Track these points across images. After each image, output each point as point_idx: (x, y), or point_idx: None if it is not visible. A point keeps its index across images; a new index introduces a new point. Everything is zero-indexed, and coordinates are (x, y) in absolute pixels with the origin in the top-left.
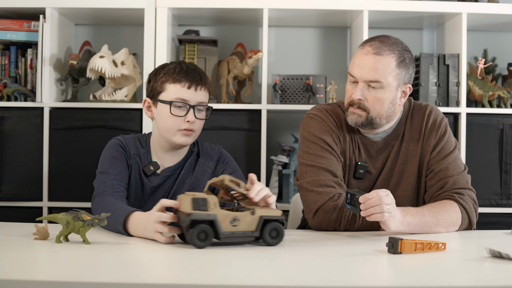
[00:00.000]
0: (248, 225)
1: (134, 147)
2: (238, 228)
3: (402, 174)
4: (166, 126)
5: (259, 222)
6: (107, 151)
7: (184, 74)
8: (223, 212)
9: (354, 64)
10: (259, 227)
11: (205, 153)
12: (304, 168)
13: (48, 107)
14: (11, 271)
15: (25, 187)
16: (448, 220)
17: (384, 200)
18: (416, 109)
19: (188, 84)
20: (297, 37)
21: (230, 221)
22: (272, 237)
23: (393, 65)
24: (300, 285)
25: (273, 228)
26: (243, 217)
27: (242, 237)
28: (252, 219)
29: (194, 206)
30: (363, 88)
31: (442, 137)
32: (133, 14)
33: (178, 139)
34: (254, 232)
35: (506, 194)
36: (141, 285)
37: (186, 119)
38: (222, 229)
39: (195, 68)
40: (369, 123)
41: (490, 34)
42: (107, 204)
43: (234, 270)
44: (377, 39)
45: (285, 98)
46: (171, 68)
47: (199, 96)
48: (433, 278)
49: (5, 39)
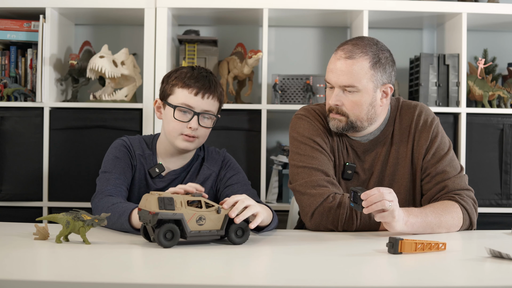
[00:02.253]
0: (213, 224)
1: (139, 148)
2: (204, 227)
3: (394, 176)
4: (169, 128)
5: (224, 221)
6: (111, 151)
7: (194, 80)
8: (189, 211)
9: (328, 70)
10: (224, 226)
11: (210, 157)
12: (295, 170)
13: (48, 107)
14: (11, 271)
15: (25, 187)
16: (450, 221)
17: (386, 197)
18: (404, 109)
19: (196, 91)
20: (297, 37)
21: (196, 219)
22: (238, 235)
23: (367, 67)
24: (300, 285)
25: (238, 227)
26: (209, 216)
27: (208, 235)
28: (217, 218)
29: (160, 205)
30: (339, 93)
31: (435, 138)
32: (133, 14)
33: (179, 143)
34: (220, 230)
35: (506, 194)
36: (141, 285)
37: (188, 125)
38: (188, 228)
39: (208, 76)
40: (351, 127)
41: (490, 34)
42: (108, 204)
43: (234, 270)
44: (350, 42)
45: (285, 98)
46: (183, 72)
47: (206, 104)
48: (433, 278)
49: (5, 39)
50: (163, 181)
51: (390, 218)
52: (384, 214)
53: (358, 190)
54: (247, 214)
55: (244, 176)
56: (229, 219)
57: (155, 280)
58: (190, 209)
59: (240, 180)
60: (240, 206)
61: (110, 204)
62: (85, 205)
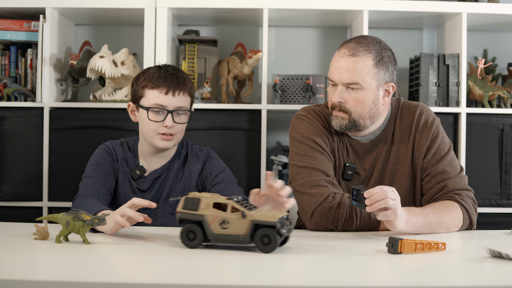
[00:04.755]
0: (238, 229)
1: (121, 152)
2: (228, 231)
3: (394, 176)
4: (145, 130)
5: (250, 226)
6: (93, 157)
7: (162, 80)
8: (213, 213)
9: (331, 68)
10: (249, 232)
11: (193, 155)
12: (295, 170)
13: (48, 107)
14: (11, 271)
15: (25, 187)
16: (450, 221)
17: (389, 195)
18: (405, 109)
19: (165, 90)
20: (297, 37)
21: (219, 222)
22: (264, 243)
23: (370, 65)
24: (300, 285)
25: (264, 235)
26: (233, 220)
27: (231, 240)
28: (242, 223)
29: (184, 205)
30: (342, 90)
31: (435, 138)
32: (133, 14)
33: (158, 143)
34: (245, 236)
35: (506, 194)
36: (141, 285)
37: (164, 124)
38: (210, 230)
39: (175, 73)
40: (353, 125)
41: (490, 34)
42: (83, 205)
43: (234, 270)
44: (353, 40)
45: (285, 98)
46: (151, 73)
47: (178, 101)
48: (433, 278)
49: (5, 39)
50: (146, 181)
51: (393, 216)
52: (387, 212)
53: (360, 189)
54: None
55: (230, 173)
56: (254, 225)
57: (155, 280)
58: (214, 212)
59: (227, 178)
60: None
61: (84, 205)
62: None
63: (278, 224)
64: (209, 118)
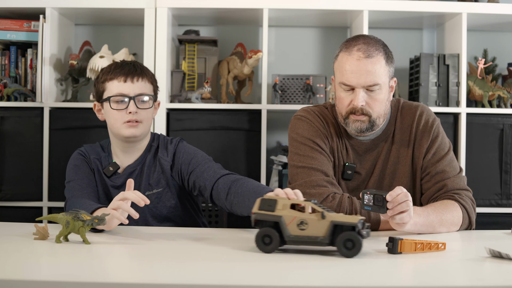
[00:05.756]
0: (317, 230)
1: (94, 152)
2: (306, 232)
3: (394, 175)
4: (111, 121)
5: (329, 228)
6: (70, 162)
7: (119, 70)
8: (290, 214)
9: (346, 72)
10: (329, 233)
11: (162, 147)
12: (295, 170)
13: (48, 107)
14: (11, 271)
15: (25, 187)
16: (451, 220)
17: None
18: (406, 109)
19: (123, 78)
20: (297, 37)
21: (297, 223)
22: (347, 247)
23: (384, 63)
24: (300, 285)
25: (347, 239)
26: (312, 221)
27: (309, 242)
28: (322, 224)
29: (260, 206)
30: (363, 93)
31: (435, 138)
32: (133, 14)
33: (125, 131)
34: (324, 237)
35: (506, 194)
36: (142, 285)
37: (127, 111)
38: (288, 232)
39: (132, 62)
40: (371, 126)
41: (490, 34)
42: (77, 206)
43: (234, 270)
44: (359, 41)
45: (285, 98)
46: (107, 67)
47: (138, 88)
48: (433, 278)
49: (5, 39)
50: (120, 177)
51: (408, 218)
52: (403, 215)
53: (381, 193)
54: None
55: (202, 154)
56: (335, 226)
57: (155, 280)
58: (292, 212)
59: (200, 161)
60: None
61: (78, 206)
62: None
63: (359, 225)
64: (209, 118)
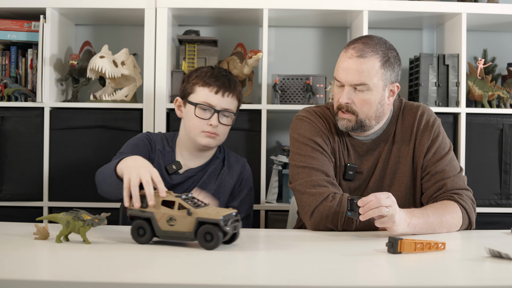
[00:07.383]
0: (184, 226)
1: (161, 144)
2: (175, 228)
3: (395, 175)
4: (190, 126)
5: (195, 224)
6: (133, 139)
7: (214, 79)
8: (161, 210)
9: (339, 68)
10: (194, 229)
11: (230, 164)
12: (296, 169)
13: (48, 107)
14: (11, 271)
15: (25, 187)
16: (451, 221)
17: (383, 202)
18: (407, 109)
19: (216, 89)
20: (297, 37)
21: (166, 220)
22: (207, 240)
23: (378, 66)
24: (300, 285)
25: (207, 232)
26: (180, 218)
27: (177, 237)
28: (189, 220)
29: None
30: (350, 91)
31: (436, 138)
32: (133, 14)
33: (201, 140)
34: (190, 233)
35: (506, 194)
36: (141, 285)
37: (209, 122)
38: (158, 227)
39: (227, 75)
40: (360, 126)
41: (490, 34)
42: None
43: (235, 270)
44: (360, 41)
45: (285, 98)
46: (203, 71)
47: (226, 103)
48: (433, 278)
49: (6, 39)
50: (180, 176)
51: (390, 223)
52: (384, 220)
53: (354, 198)
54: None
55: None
56: (199, 222)
57: (155, 280)
58: (162, 209)
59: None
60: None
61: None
62: (85, 205)
63: (221, 222)
64: None
